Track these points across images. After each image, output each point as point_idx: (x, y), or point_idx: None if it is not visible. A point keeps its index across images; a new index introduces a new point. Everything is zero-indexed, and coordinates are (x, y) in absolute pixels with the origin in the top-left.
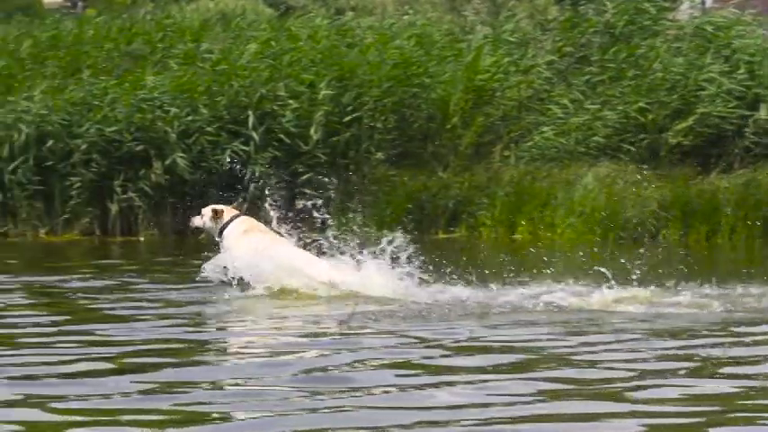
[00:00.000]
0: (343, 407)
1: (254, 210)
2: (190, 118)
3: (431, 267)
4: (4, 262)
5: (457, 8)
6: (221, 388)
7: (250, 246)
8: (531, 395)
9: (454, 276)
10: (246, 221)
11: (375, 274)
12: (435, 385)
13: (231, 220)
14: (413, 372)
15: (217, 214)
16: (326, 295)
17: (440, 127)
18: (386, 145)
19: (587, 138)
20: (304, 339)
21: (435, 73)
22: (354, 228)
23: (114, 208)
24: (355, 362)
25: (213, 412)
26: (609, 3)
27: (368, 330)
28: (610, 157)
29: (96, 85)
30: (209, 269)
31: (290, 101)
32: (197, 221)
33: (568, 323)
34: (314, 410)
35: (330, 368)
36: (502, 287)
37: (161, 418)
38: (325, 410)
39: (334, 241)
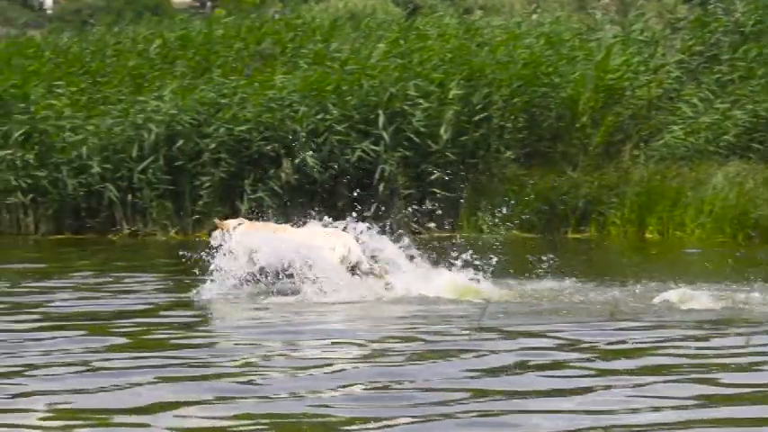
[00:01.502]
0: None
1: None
2: (319, 117)
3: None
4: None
5: (585, 7)
6: (407, 390)
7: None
8: (692, 398)
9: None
10: (246, 223)
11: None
12: (590, 389)
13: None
14: (568, 373)
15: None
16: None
17: (569, 126)
18: (515, 144)
19: (717, 137)
20: (454, 339)
21: (565, 72)
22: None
23: (244, 207)
24: (515, 364)
25: (400, 416)
26: (738, 2)
27: (511, 330)
28: (739, 156)
29: (226, 85)
30: (218, 282)
31: (420, 100)
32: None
33: (718, 322)
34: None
35: (496, 370)
36: (646, 287)
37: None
38: (480, 415)
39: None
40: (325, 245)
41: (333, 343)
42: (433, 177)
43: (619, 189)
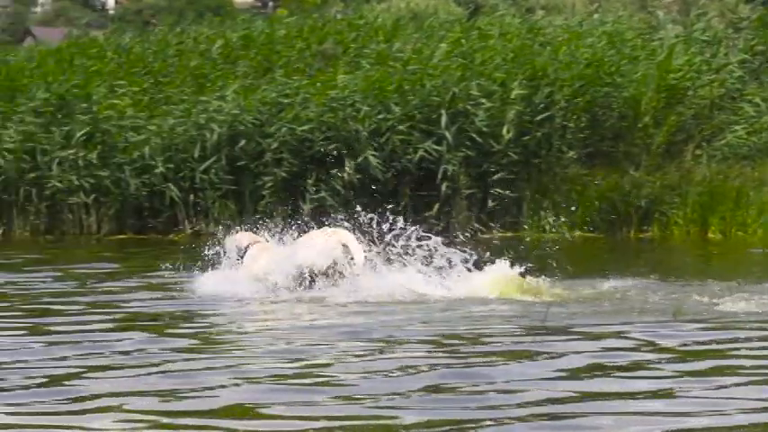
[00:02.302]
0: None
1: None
2: (381, 116)
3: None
4: None
5: (647, 6)
6: (482, 393)
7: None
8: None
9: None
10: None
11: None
12: (668, 390)
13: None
14: (642, 374)
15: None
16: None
17: (631, 126)
18: (577, 144)
19: None
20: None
21: (627, 72)
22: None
23: (307, 207)
24: (589, 365)
25: (485, 419)
26: None
27: (578, 331)
28: None
29: (288, 85)
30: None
31: (483, 100)
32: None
33: None
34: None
35: (570, 371)
36: (709, 287)
37: None
38: (553, 418)
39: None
40: (324, 244)
41: (400, 343)
42: (495, 177)
43: (681, 189)
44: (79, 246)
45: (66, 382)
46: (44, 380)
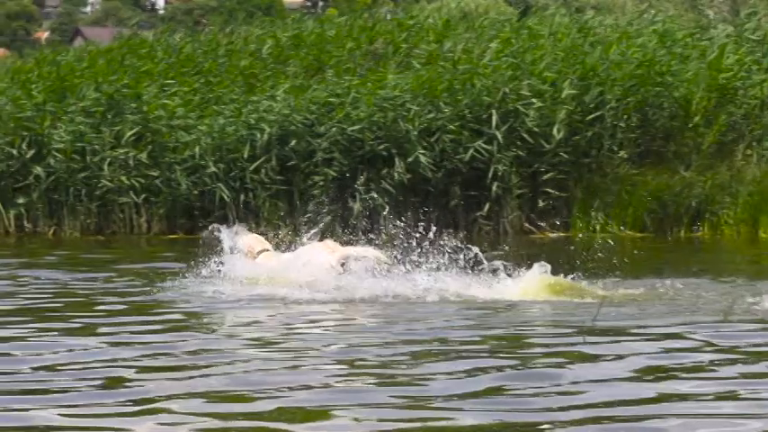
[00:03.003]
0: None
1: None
2: (431, 116)
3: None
4: None
5: (697, 6)
6: (546, 395)
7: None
8: None
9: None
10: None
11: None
12: (734, 394)
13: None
14: (708, 375)
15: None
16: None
17: (682, 126)
18: (628, 144)
19: None
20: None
21: (678, 71)
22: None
23: (357, 207)
24: (654, 367)
25: (544, 422)
26: None
27: (635, 332)
28: None
29: (339, 85)
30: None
31: (534, 99)
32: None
33: None
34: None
35: (637, 372)
36: (761, 287)
37: None
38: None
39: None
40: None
41: (456, 345)
42: (545, 177)
43: (732, 188)
44: (132, 245)
45: (122, 384)
46: (100, 381)
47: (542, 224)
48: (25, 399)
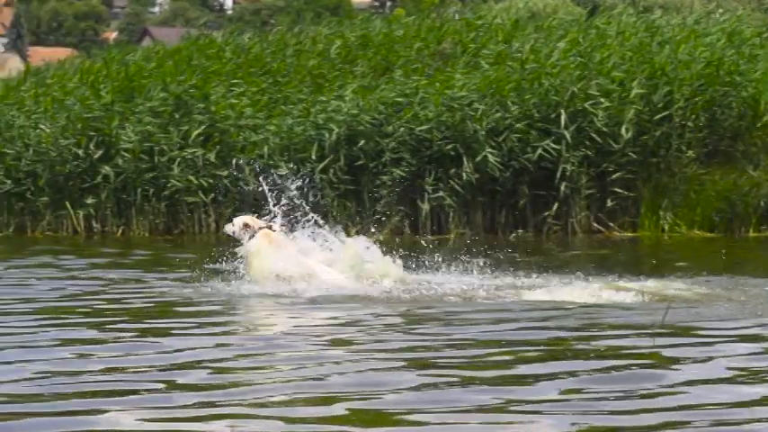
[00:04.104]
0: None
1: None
2: (498, 115)
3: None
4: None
5: (764, 5)
6: (633, 398)
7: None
8: None
9: None
10: (269, 234)
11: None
12: None
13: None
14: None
15: (247, 227)
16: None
17: (750, 125)
18: (696, 144)
19: None
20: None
21: (746, 71)
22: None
23: (425, 207)
24: (736, 369)
25: (645, 425)
26: None
27: (708, 334)
28: None
29: (407, 85)
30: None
31: (602, 99)
32: (228, 229)
33: None
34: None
35: (718, 376)
36: None
37: None
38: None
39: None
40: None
41: (526, 347)
42: (613, 177)
43: None
44: (202, 245)
45: (190, 386)
46: (168, 383)
47: (611, 224)
48: (99, 401)
